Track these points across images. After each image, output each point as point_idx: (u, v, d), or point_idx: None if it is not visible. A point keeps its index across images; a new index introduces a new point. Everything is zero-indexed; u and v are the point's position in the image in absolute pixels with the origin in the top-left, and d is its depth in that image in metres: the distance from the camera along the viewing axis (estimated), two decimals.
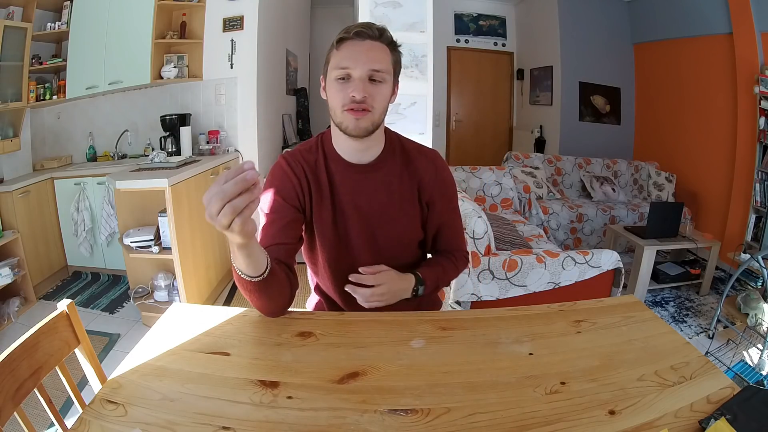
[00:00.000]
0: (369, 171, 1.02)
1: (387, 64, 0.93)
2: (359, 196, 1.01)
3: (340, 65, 0.91)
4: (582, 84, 4.91)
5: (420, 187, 1.05)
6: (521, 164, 4.24)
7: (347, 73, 0.91)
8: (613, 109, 5.00)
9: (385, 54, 0.93)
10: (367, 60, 0.90)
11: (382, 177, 1.02)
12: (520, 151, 4.53)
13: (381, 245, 1.04)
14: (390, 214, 1.03)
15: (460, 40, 5.58)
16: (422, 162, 1.06)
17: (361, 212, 1.02)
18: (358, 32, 0.91)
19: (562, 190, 4.30)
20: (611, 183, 4.22)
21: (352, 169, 1.01)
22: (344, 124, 0.93)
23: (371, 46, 0.91)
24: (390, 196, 1.03)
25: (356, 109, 0.90)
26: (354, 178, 1.01)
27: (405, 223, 1.06)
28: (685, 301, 3.03)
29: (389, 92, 0.96)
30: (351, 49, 0.91)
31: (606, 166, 4.42)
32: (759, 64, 3.26)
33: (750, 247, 3.30)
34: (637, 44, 4.83)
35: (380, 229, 1.03)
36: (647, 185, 4.28)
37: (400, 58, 0.98)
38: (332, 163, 1.01)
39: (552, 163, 4.36)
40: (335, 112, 0.94)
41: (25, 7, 2.96)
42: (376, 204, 1.02)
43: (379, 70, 0.91)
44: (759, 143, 3.29)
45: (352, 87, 0.90)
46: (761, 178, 3.29)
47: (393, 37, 0.96)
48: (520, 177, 3.86)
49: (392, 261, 1.05)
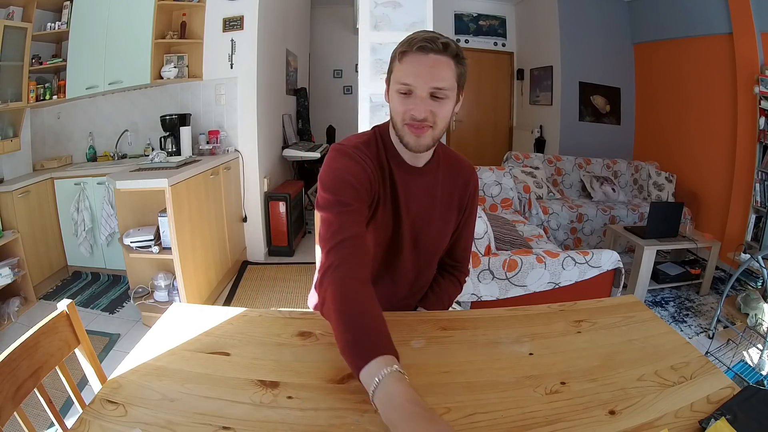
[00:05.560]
0: (420, 174, 1.02)
1: (451, 80, 0.88)
2: (412, 197, 1.02)
3: (401, 80, 0.88)
4: (582, 84, 4.91)
5: (461, 192, 1.08)
6: (521, 164, 4.24)
7: (409, 89, 0.88)
8: (613, 109, 5.00)
9: (449, 69, 0.88)
10: (431, 78, 0.86)
11: (429, 181, 1.03)
12: (520, 151, 4.53)
13: (422, 248, 1.06)
14: (432, 218, 1.05)
15: (460, 40, 5.57)
16: (463, 172, 1.08)
17: (411, 213, 1.02)
18: (422, 47, 0.86)
19: (562, 190, 4.30)
20: (611, 183, 4.22)
21: (408, 169, 1.01)
22: (405, 139, 0.92)
23: (435, 62, 0.86)
24: (433, 201, 1.04)
25: (417, 127, 0.89)
26: (409, 179, 1.01)
27: (443, 228, 1.08)
28: (685, 301, 3.03)
29: (452, 107, 0.92)
30: (414, 64, 0.87)
31: (606, 166, 4.42)
32: (759, 64, 3.26)
33: (750, 247, 3.30)
34: (637, 44, 4.83)
35: (424, 232, 1.05)
36: (647, 185, 4.28)
37: (466, 69, 0.93)
38: (392, 161, 1.00)
39: (552, 163, 4.36)
40: (396, 122, 0.92)
41: (25, 7, 2.96)
42: (425, 206, 1.03)
43: (442, 88, 0.87)
44: (759, 143, 3.29)
45: (413, 105, 0.87)
46: (761, 178, 3.29)
47: (459, 49, 0.90)
48: (520, 177, 3.86)
49: (426, 267, 1.10)
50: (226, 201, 3.16)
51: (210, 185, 2.91)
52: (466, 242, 1.18)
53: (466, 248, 1.19)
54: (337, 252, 0.81)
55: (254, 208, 3.53)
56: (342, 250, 0.81)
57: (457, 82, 0.90)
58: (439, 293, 1.16)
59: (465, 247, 1.18)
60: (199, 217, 2.73)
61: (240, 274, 3.33)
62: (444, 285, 1.18)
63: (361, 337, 0.68)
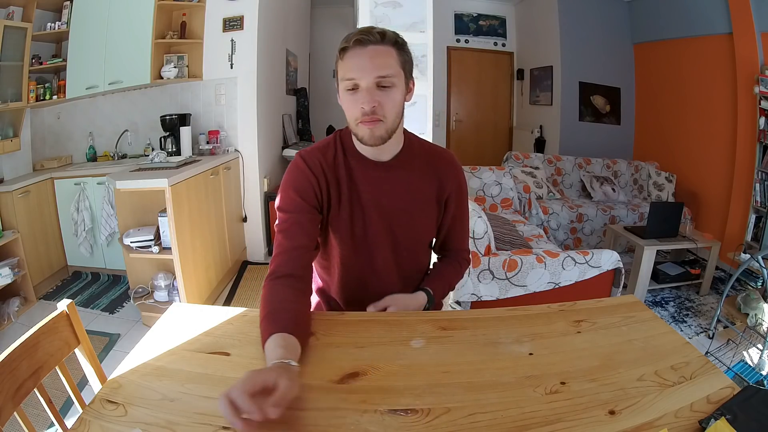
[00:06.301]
0: (390, 168, 1.01)
1: (394, 67, 0.90)
2: (380, 193, 1.01)
3: (346, 76, 0.89)
4: (582, 84, 4.91)
5: (439, 187, 1.06)
6: (521, 164, 4.24)
7: (354, 84, 0.89)
8: (613, 109, 5.00)
9: (390, 57, 0.90)
10: (373, 68, 0.87)
11: (403, 175, 1.02)
12: (520, 151, 4.53)
13: (399, 243, 1.05)
14: (410, 212, 1.04)
15: (460, 40, 5.57)
16: (442, 163, 1.06)
17: (383, 209, 1.02)
18: (359, 40, 0.88)
19: (562, 190, 4.30)
20: (611, 183, 4.22)
21: (373, 165, 1.00)
22: (360, 134, 0.93)
23: (374, 52, 0.88)
24: (411, 194, 1.03)
25: (368, 121, 0.89)
26: (375, 175, 1.00)
27: (424, 222, 1.07)
28: (685, 301, 3.03)
29: (401, 95, 0.93)
30: (354, 58, 0.88)
31: (606, 166, 4.42)
32: (759, 64, 3.26)
33: (750, 247, 3.30)
34: (637, 44, 4.83)
35: (400, 227, 1.04)
36: (647, 185, 4.28)
37: (410, 56, 0.95)
38: (352, 160, 1.00)
39: (552, 163, 4.36)
40: (350, 121, 0.93)
41: (25, 7, 2.96)
42: (397, 201, 1.02)
43: (386, 76, 0.88)
44: (759, 143, 3.29)
45: (361, 98, 0.88)
46: (761, 178, 3.29)
47: (397, 36, 0.92)
48: (520, 177, 3.85)
49: (407, 261, 1.08)
50: (226, 201, 3.16)
51: (210, 185, 2.91)
52: (462, 233, 1.17)
53: (462, 238, 1.17)
54: (276, 259, 0.95)
55: (254, 208, 3.53)
56: (278, 258, 0.94)
57: (402, 68, 0.92)
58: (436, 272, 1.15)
59: (461, 237, 1.17)
60: (199, 217, 2.73)
61: (240, 274, 3.33)
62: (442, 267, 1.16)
63: (269, 322, 0.81)
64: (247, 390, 0.61)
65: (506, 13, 5.64)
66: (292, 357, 0.73)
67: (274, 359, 0.71)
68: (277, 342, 0.76)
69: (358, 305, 1.06)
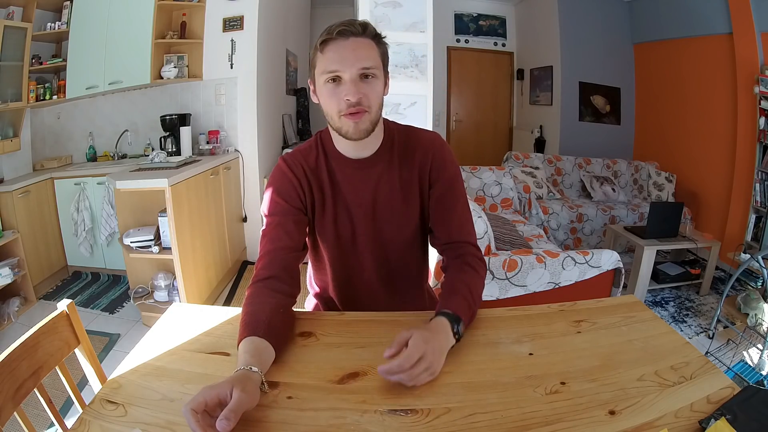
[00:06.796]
0: (368, 165, 0.99)
1: (375, 59, 0.90)
2: (362, 192, 1.00)
3: (328, 69, 0.87)
4: (582, 84, 4.91)
5: (420, 170, 1.01)
6: (521, 164, 4.24)
7: (337, 76, 0.87)
8: (613, 109, 5.00)
9: (371, 49, 0.90)
10: (356, 59, 0.86)
11: (381, 169, 1.00)
12: (520, 151, 4.54)
13: (386, 241, 1.03)
14: (394, 206, 1.01)
15: (460, 40, 5.57)
16: (420, 144, 1.02)
17: (366, 208, 1.00)
18: (341, 31, 0.87)
19: (562, 190, 4.30)
20: (611, 183, 4.22)
21: (352, 165, 0.99)
22: (344, 129, 0.90)
23: (357, 44, 0.88)
24: (392, 187, 1.01)
25: (353, 113, 0.88)
26: (355, 174, 0.99)
27: (410, 214, 1.03)
28: (685, 301, 3.03)
29: (381, 88, 0.93)
30: (337, 50, 0.87)
31: (606, 166, 4.42)
32: (759, 64, 3.26)
33: (750, 247, 3.30)
34: (637, 44, 4.83)
35: (386, 224, 1.02)
36: (647, 185, 4.28)
37: (387, 49, 0.95)
38: (333, 161, 1.00)
39: (552, 163, 4.36)
40: (332, 117, 0.91)
41: (25, 7, 2.96)
42: (381, 198, 1.00)
43: (370, 67, 0.88)
44: (759, 143, 3.29)
45: (345, 90, 0.87)
46: (761, 178, 3.29)
47: (376, 29, 0.92)
48: (520, 177, 3.86)
49: (397, 261, 1.05)
50: (226, 201, 3.16)
51: (210, 185, 2.91)
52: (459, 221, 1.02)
53: (461, 228, 1.02)
54: (258, 263, 0.94)
55: (254, 208, 3.53)
56: (261, 261, 0.94)
57: (381, 61, 0.92)
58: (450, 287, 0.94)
59: (459, 226, 1.02)
60: (199, 217, 2.73)
61: (240, 274, 3.33)
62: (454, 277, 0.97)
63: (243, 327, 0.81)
64: (198, 406, 0.61)
65: (506, 13, 5.63)
66: (255, 363, 0.72)
67: (240, 365, 0.71)
68: (246, 347, 0.76)
69: (352, 304, 1.07)
